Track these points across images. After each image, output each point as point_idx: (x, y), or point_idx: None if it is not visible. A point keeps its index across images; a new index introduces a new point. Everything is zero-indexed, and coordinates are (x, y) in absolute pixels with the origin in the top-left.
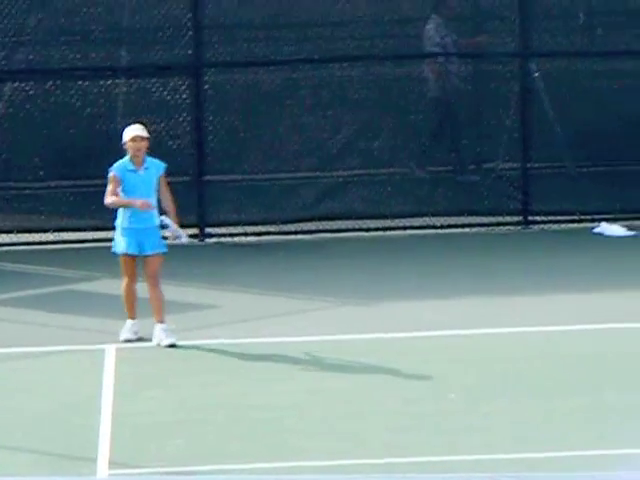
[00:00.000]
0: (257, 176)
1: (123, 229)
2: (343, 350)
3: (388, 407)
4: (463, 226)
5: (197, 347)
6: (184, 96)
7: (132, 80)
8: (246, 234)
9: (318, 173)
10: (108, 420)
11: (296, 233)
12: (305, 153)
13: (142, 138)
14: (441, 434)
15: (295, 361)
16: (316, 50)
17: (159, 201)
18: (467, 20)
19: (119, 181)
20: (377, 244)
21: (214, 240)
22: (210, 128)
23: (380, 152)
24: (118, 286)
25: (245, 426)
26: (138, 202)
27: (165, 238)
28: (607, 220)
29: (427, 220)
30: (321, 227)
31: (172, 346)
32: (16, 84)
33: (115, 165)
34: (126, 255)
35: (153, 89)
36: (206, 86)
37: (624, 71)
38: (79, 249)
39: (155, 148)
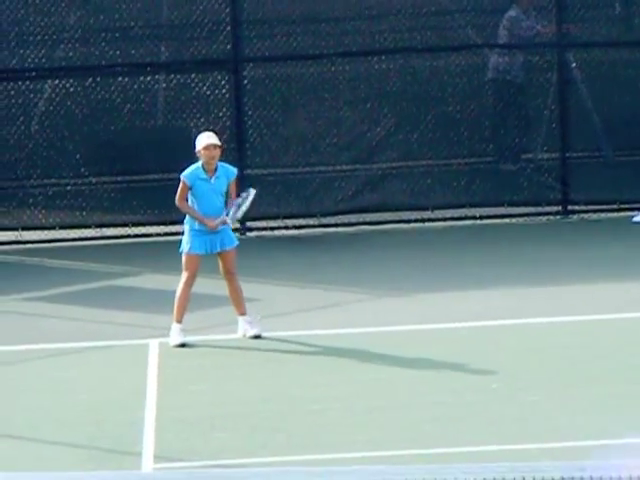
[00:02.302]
0: (296, 169)
1: (192, 228)
2: (384, 342)
3: (431, 398)
4: (502, 216)
5: (237, 341)
6: (223, 91)
7: (172, 76)
8: (286, 227)
9: (357, 166)
10: (152, 414)
11: (335, 226)
12: (344, 146)
13: (215, 146)
14: (485, 424)
15: (337, 353)
16: (354, 43)
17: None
18: (500, 11)
19: (188, 187)
20: (416, 236)
21: (254, 234)
22: (249, 123)
23: (419, 144)
24: (160, 281)
25: (290, 419)
26: (211, 223)
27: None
28: None
29: (466, 211)
30: (360, 219)
31: (257, 337)
32: (56, 81)
33: (187, 172)
34: (190, 254)
35: (192, 84)
36: (245, 81)
37: None
38: (121, 245)
39: (195, 143)
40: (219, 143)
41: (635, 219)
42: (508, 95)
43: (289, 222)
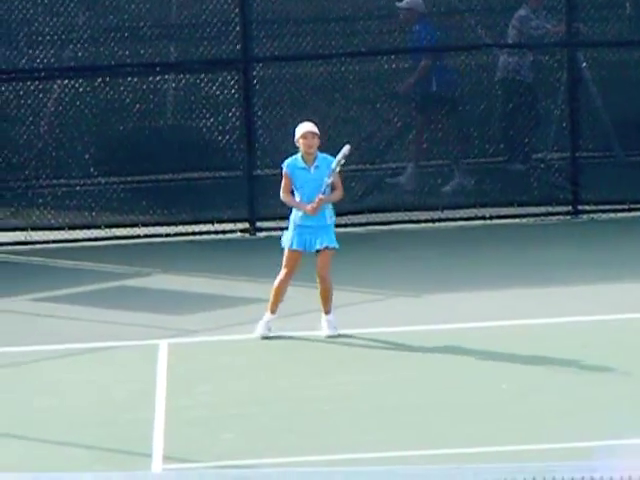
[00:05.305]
0: None
1: (295, 225)
2: (392, 342)
3: (440, 398)
4: (513, 217)
5: (247, 341)
6: (233, 91)
7: (181, 76)
8: None
9: (367, 165)
10: (162, 415)
11: (345, 226)
12: (353, 146)
13: (314, 135)
14: (495, 424)
15: (349, 353)
16: (363, 43)
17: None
18: (510, 10)
19: (290, 178)
20: (426, 236)
21: (264, 234)
22: (259, 123)
23: (429, 143)
24: (170, 281)
25: (299, 419)
26: (308, 207)
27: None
28: None
29: (476, 211)
30: (370, 220)
31: (331, 337)
32: (65, 81)
33: (287, 161)
34: (290, 250)
35: (202, 84)
36: (254, 81)
37: None
38: (130, 245)
39: (204, 143)
40: (317, 132)
41: None
42: (518, 95)
43: None
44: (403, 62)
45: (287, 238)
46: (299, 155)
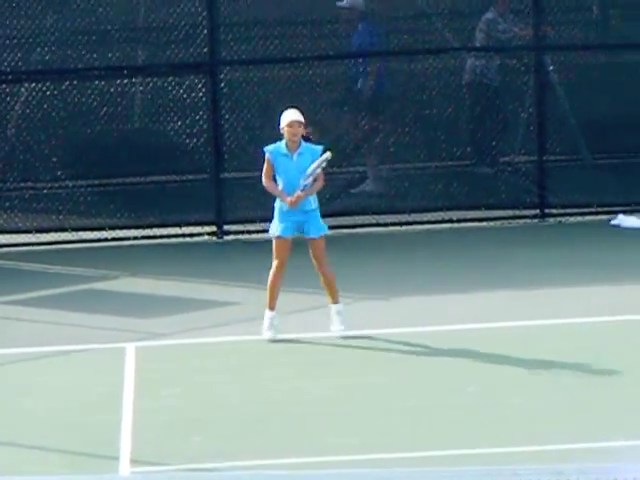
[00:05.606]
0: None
1: (281, 213)
2: (364, 345)
3: (411, 402)
4: (480, 220)
5: (215, 344)
6: (200, 94)
7: (148, 79)
8: (264, 231)
9: (334, 169)
10: (129, 418)
11: None
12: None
13: (299, 123)
14: (462, 428)
15: (317, 357)
16: (331, 47)
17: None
18: (478, 14)
19: (272, 163)
20: (393, 239)
21: (232, 237)
22: (226, 126)
23: (396, 147)
24: (137, 284)
25: (270, 422)
26: (288, 200)
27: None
28: (624, 212)
29: (443, 214)
30: (337, 223)
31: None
32: (33, 84)
33: (270, 146)
34: (280, 238)
35: (169, 88)
36: (222, 84)
37: (639, 62)
38: (98, 248)
39: (172, 147)
40: (303, 120)
41: (613, 222)
42: (485, 98)
43: (267, 226)
44: (371, 66)
45: (274, 226)
46: (283, 142)
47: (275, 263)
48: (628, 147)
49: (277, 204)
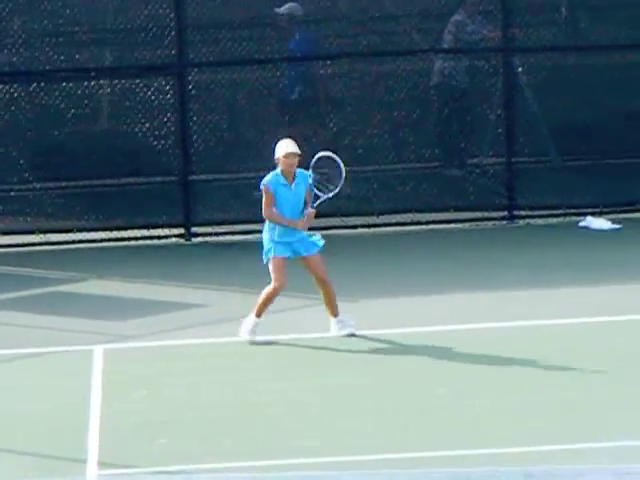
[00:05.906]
0: (242, 175)
1: (275, 242)
2: (331, 347)
3: (383, 404)
4: (448, 222)
5: (183, 347)
6: (168, 96)
7: (116, 81)
8: (232, 233)
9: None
10: (97, 421)
11: None
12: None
13: (295, 155)
14: (426, 430)
15: (288, 359)
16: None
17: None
18: (446, 15)
19: (273, 195)
20: (362, 241)
21: (200, 239)
22: (194, 128)
23: (364, 149)
24: (105, 286)
25: (238, 425)
26: (299, 224)
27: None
28: (593, 214)
29: (412, 216)
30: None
31: (351, 335)
32: (0, 86)
33: (268, 179)
34: (275, 258)
35: (137, 89)
36: (190, 86)
37: (607, 65)
38: (65, 250)
39: (140, 149)
40: (299, 152)
41: (581, 224)
42: (453, 100)
43: (235, 228)
44: (339, 67)
45: (267, 249)
46: (279, 171)
47: (274, 285)
48: (597, 149)
49: (266, 235)
